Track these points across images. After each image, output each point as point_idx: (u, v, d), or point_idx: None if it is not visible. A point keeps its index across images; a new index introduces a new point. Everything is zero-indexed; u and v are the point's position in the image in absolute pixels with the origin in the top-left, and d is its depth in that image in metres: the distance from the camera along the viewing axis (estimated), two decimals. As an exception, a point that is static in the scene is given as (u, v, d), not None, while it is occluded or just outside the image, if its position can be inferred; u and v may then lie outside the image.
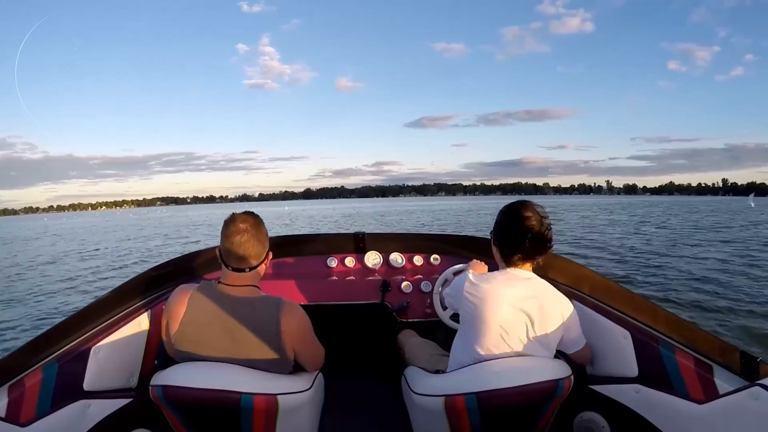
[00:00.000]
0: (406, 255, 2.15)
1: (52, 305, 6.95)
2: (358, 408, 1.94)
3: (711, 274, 7.53)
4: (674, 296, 6.02)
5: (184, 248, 14.33)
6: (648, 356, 1.32)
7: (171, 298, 1.26)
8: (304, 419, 1.24)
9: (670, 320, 1.37)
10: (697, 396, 1.17)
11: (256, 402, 1.09)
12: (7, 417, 1.06)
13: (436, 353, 1.56)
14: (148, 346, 1.48)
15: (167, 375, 1.13)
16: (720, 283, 6.76)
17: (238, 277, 1.25)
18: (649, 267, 8.43)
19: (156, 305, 1.55)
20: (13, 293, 8.02)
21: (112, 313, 1.45)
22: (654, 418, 1.25)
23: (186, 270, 1.82)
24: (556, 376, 1.16)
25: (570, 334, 1.30)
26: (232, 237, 1.23)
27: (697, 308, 5.46)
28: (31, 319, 6.09)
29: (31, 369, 1.19)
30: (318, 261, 2.13)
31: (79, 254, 14.35)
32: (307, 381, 1.23)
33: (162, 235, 21.67)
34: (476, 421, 1.17)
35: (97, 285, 8.51)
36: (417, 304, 1.97)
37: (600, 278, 1.64)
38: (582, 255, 9.94)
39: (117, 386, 1.36)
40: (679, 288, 6.48)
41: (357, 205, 64.86)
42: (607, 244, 12.24)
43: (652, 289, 6.44)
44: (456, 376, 1.25)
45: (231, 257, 1.24)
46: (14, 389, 1.12)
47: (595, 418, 1.44)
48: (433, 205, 64.10)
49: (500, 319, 1.22)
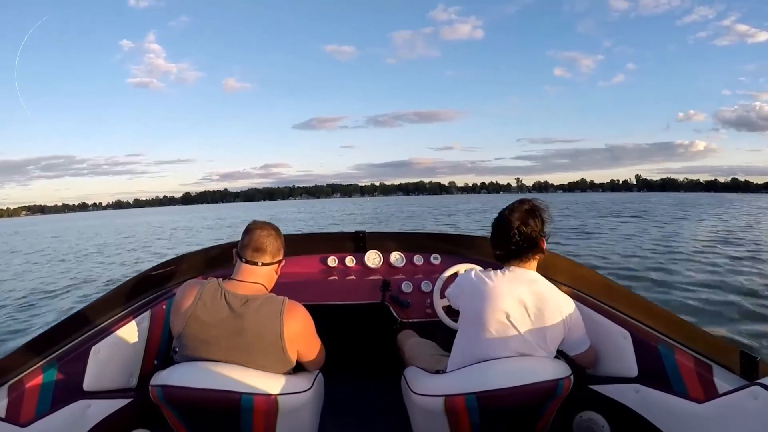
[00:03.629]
0: (407, 254, 2.14)
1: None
2: (358, 408, 1.94)
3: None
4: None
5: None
6: (648, 356, 1.32)
7: (178, 293, 1.27)
8: (304, 419, 1.25)
9: (669, 320, 1.37)
10: (697, 395, 1.17)
11: (256, 402, 1.09)
12: (7, 417, 1.06)
13: (436, 353, 1.56)
14: (148, 346, 1.48)
15: (167, 375, 1.13)
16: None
17: (249, 271, 1.27)
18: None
19: (156, 305, 1.55)
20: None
21: (112, 313, 1.45)
22: (654, 417, 1.25)
23: (186, 270, 1.82)
24: (556, 376, 1.16)
25: (573, 335, 1.29)
26: (254, 232, 1.29)
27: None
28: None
29: (30, 369, 1.20)
30: (318, 260, 2.13)
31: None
32: (307, 381, 1.23)
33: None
34: (476, 421, 1.17)
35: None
36: (417, 304, 1.97)
37: (600, 278, 1.64)
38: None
39: (117, 386, 1.36)
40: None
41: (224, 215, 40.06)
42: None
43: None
44: (456, 376, 1.25)
45: (247, 249, 1.27)
46: (14, 389, 1.13)
47: (595, 418, 1.44)
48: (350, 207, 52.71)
49: (501, 319, 1.22)
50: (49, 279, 9.11)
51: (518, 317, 1.22)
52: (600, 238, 12.40)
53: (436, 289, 1.85)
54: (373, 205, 55.52)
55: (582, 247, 10.49)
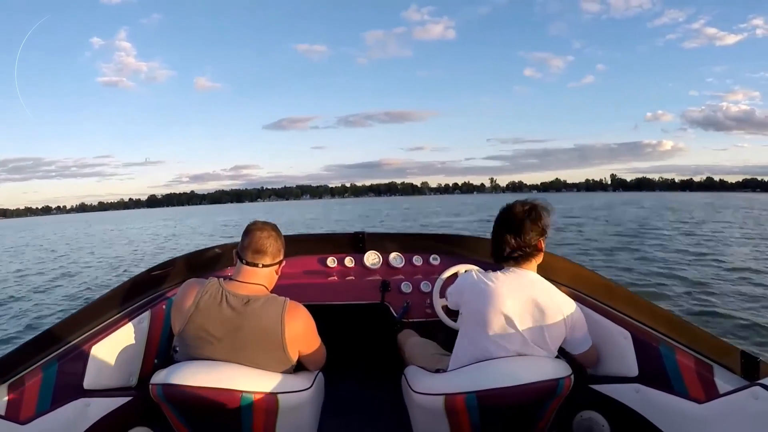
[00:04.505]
0: (406, 255, 2.14)
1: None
2: (358, 407, 1.94)
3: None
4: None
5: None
6: (648, 356, 1.32)
7: (179, 292, 1.27)
8: (304, 418, 1.25)
9: (670, 320, 1.37)
10: (698, 395, 1.17)
11: (257, 400, 1.10)
12: (7, 415, 1.06)
13: (436, 353, 1.56)
14: (148, 345, 1.48)
15: (167, 374, 1.13)
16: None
17: (250, 272, 1.27)
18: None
19: (156, 305, 1.55)
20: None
21: (112, 312, 1.45)
22: (654, 417, 1.25)
23: (186, 270, 1.82)
24: (556, 376, 1.16)
25: (575, 335, 1.29)
26: (254, 233, 1.29)
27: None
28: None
29: (31, 367, 1.20)
30: (317, 261, 2.13)
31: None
32: (307, 380, 1.23)
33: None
34: (476, 420, 1.17)
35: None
36: (417, 304, 1.97)
37: (600, 278, 1.64)
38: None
39: (117, 385, 1.36)
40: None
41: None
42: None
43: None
44: (456, 375, 1.25)
45: (248, 250, 1.27)
46: (14, 387, 1.13)
47: (596, 418, 1.44)
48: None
49: (502, 320, 1.22)
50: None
51: (519, 318, 1.22)
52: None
53: (435, 288, 1.85)
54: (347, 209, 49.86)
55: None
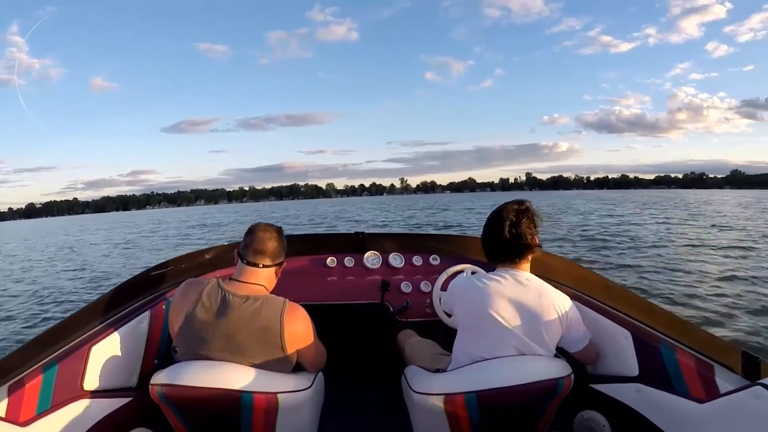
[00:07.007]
0: (406, 255, 2.14)
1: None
2: (358, 407, 1.94)
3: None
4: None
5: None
6: (649, 355, 1.32)
7: (179, 292, 1.27)
8: (304, 418, 1.25)
9: (670, 320, 1.37)
10: (698, 395, 1.17)
11: (256, 400, 1.10)
12: (7, 416, 1.06)
13: (435, 352, 1.56)
14: (148, 345, 1.48)
15: (167, 374, 1.13)
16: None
17: (251, 272, 1.27)
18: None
19: (156, 305, 1.55)
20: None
21: (112, 312, 1.45)
22: (655, 417, 1.24)
23: (186, 270, 1.82)
24: (556, 375, 1.16)
25: (571, 332, 1.29)
26: (256, 234, 1.30)
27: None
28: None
29: (30, 368, 1.19)
30: (317, 261, 2.13)
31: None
32: (307, 380, 1.23)
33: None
34: (476, 420, 1.17)
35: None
36: (417, 304, 1.97)
37: (600, 278, 1.64)
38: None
39: (117, 385, 1.36)
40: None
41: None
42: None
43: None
44: (456, 375, 1.25)
45: (249, 250, 1.28)
46: (14, 388, 1.12)
47: (596, 417, 1.44)
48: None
49: (496, 320, 1.22)
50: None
51: (513, 317, 1.22)
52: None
53: (435, 288, 1.85)
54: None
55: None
